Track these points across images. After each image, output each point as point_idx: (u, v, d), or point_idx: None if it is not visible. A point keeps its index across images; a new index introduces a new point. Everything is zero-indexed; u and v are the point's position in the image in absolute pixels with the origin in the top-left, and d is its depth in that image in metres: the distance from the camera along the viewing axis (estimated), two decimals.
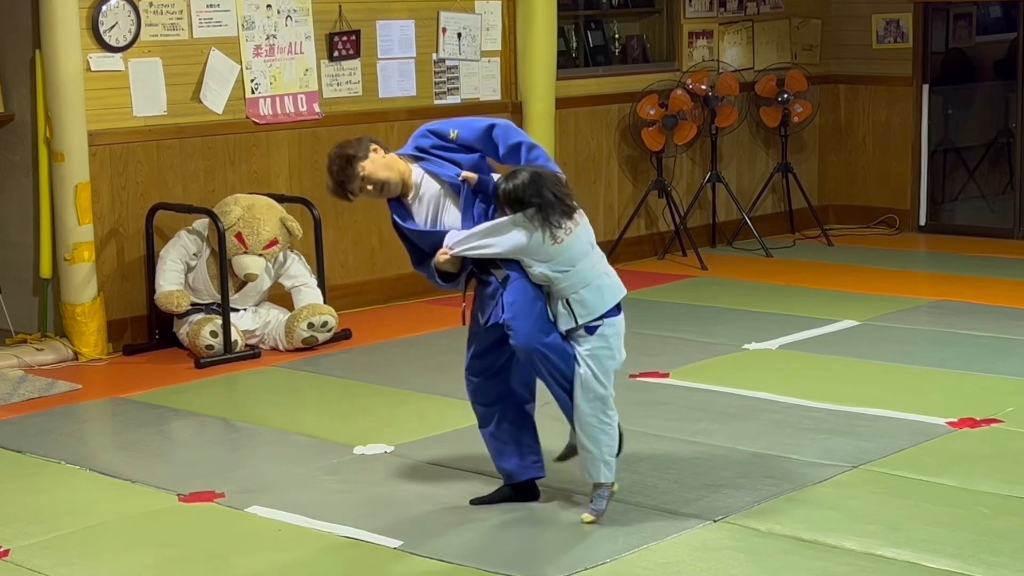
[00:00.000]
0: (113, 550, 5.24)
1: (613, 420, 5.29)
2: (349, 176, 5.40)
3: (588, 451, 5.29)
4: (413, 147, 5.52)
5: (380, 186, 5.41)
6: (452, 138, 5.46)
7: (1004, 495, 5.49)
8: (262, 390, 7.52)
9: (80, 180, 7.92)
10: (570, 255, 5.20)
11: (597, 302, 5.22)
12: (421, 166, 5.45)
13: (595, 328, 5.24)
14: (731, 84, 10.74)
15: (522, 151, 5.37)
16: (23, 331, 8.22)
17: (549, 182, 5.18)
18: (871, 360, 7.57)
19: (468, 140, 5.45)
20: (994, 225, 11.46)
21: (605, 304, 5.23)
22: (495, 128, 5.44)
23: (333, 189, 5.49)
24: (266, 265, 8.18)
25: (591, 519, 5.30)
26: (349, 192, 5.45)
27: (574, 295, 5.20)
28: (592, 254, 5.26)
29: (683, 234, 10.63)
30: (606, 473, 5.28)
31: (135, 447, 6.50)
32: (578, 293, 5.20)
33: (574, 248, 5.20)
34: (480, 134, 5.45)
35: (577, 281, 5.20)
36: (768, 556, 4.95)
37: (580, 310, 5.21)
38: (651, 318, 8.63)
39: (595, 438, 5.27)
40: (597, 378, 5.23)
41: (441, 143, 5.47)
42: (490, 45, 9.75)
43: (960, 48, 12.24)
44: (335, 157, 5.44)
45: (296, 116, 8.87)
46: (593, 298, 5.22)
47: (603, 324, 5.24)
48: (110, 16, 8.10)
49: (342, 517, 5.42)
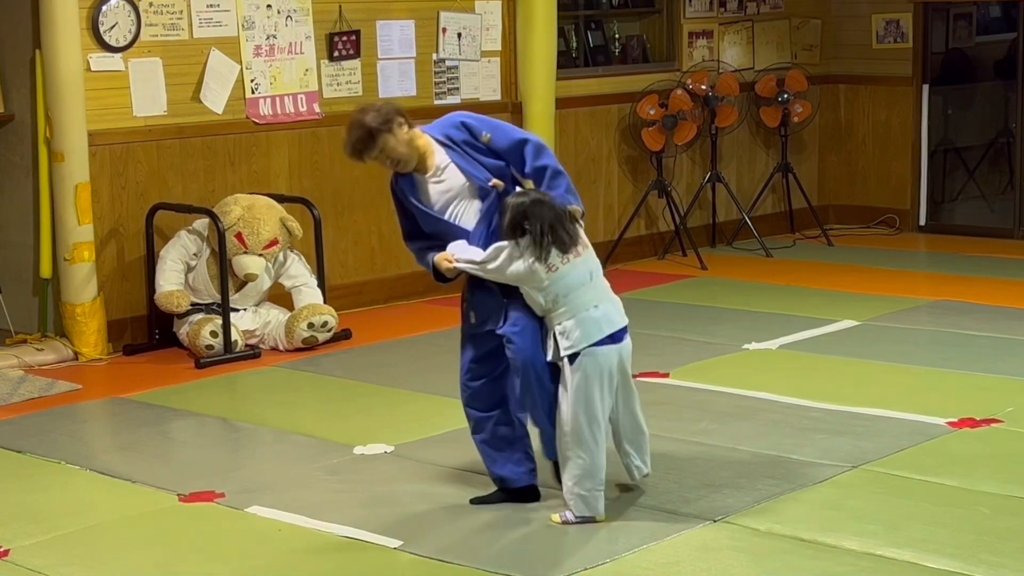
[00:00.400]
0: (113, 550, 5.24)
1: (592, 458, 5.22)
2: (368, 147, 5.36)
3: (565, 484, 5.30)
4: (443, 133, 5.47)
5: (396, 161, 5.40)
6: (484, 141, 5.44)
7: (1004, 495, 5.49)
8: (262, 390, 7.52)
9: (80, 180, 7.92)
10: (564, 284, 5.20)
11: (579, 336, 5.20)
12: (451, 157, 5.42)
13: (574, 359, 5.22)
14: (731, 84, 10.74)
15: (546, 175, 5.38)
16: (23, 331, 8.22)
17: (550, 214, 5.17)
18: (871, 360, 7.57)
19: (498, 147, 5.44)
20: (994, 225, 11.46)
21: (588, 338, 5.20)
22: (527, 144, 5.43)
23: (349, 151, 5.44)
24: (266, 265, 8.18)
25: (557, 520, 5.30)
26: (360, 159, 5.43)
27: (558, 326, 5.22)
28: (587, 286, 5.24)
29: (683, 234, 10.63)
30: (583, 508, 5.26)
31: (135, 447, 6.50)
32: (562, 324, 5.21)
33: (568, 278, 5.20)
34: (512, 145, 5.44)
35: (565, 312, 5.21)
36: (768, 556, 4.95)
37: (563, 342, 5.21)
38: (651, 318, 8.63)
39: (571, 472, 5.27)
40: (572, 411, 5.22)
41: (472, 141, 5.45)
42: (490, 45, 9.75)
43: (960, 48, 12.24)
44: (357, 126, 5.37)
45: (296, 116, 8.87)
46: (575, 330, 5.20)
47: (583, 353, 5.21)
48: (110, 16, 8.10)
49: (342, 517, 5.42)
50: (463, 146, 5.44)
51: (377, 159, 5.39)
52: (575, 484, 5.26)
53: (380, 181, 9.15)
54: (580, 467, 5.24)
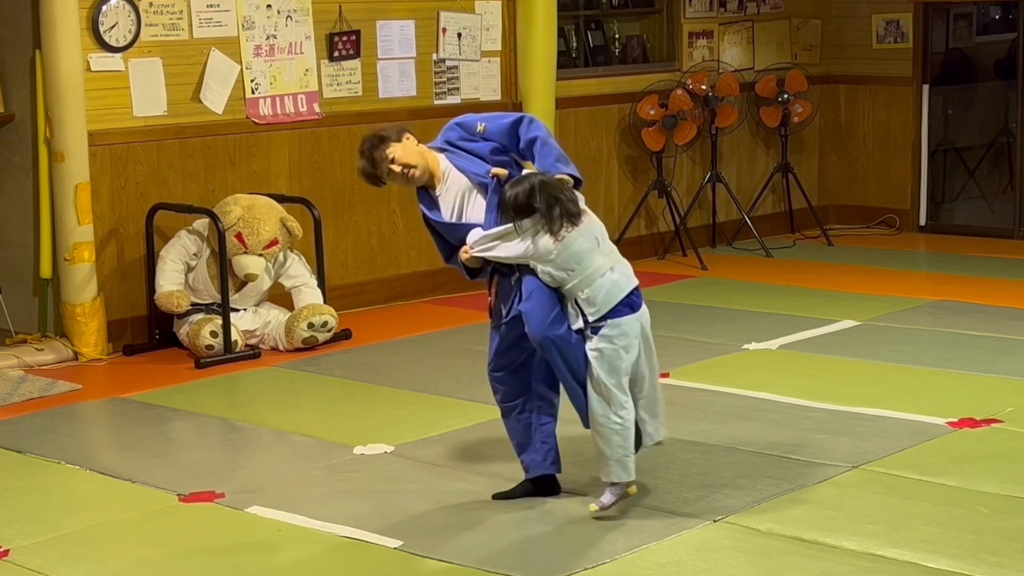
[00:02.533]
0: (113, 550, 5.24)
1: (625, 420, 5.30)
2: (379, 157, 5.42)
3: (601, 451, 5.34)
4: (442, 140, 5.58)
5: (408, 170, 5.43)
6: (479, 131, 5.53)
7: (1004, 495, 5.49)
8: (262, 390, 7.52)
9: (80, 180, 7.92)
10: (571, 253, 5.24)
11: (603, 299, 5.26)
12: (449, 159, 5.50)
13: (599, 328, 5.27)
14: (731, 84, 10.74)
15: (536, 145, 5.44)
16: (23, 331, 8.22)
17: (549, 190, 5.23)
18: (871, 360, 7.57)
19: (494, 135, 5.51)
20: (994, 225, 11.46)
21: (612, 299, 5.27)
22: (521, 121, 5.50)
23: (364, 169, 5.51)
24: (266, 265, 8.18)
25: (595, 510, 5.35)
26: (379, 173, 5.47)
27: (580, 294, 5.27)
28: (597, 251, 5.29)
29: (683, 234, 10.64)
30: (620, 473, 5.31)
31: (135, 447, 6.50)
32: (583, 292, 5.26)
33: (575, 246, 5.24)
34: (506, 128, 5.51)
35: (582, 280, 5.26)
36: (768, 556, 4.95)
37: (588, 308, 5.27)
38: (651, 318, 8.61)
39: (606, 438, 5.31)
40: (603, 378, 5.27)
41: (467, 136, 5.52)
42: (490, 45, 9.75)
43: (960, 48, 12.24)
44: (368, 137, 5.51)
45: (296, 116, 8.87)
46: (598, 294, 5.26)
47: (606, 324, 5.27)
48: (110, 16, 8.10)
49: (342, 517, 5.42)
50: (459, 144, 5.52)
51: (392, 172, 5.44)
52: (619, 451, 5.29)
53: None
54: (620, 434, 5.28)
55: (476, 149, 5.51)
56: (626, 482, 5.34)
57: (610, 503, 5.34)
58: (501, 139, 5.51)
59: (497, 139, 5.51)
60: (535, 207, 5.21)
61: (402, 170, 5.44)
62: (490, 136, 5.52)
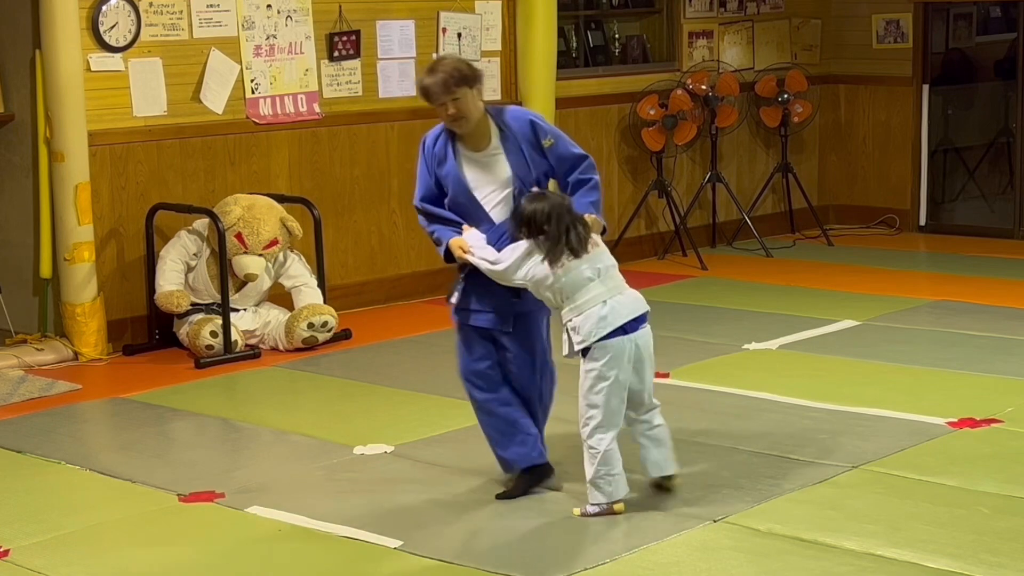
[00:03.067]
0: (113, 550, 5.24)
1: (600, 445, 5.29)
2: (447, 88, 5.33)
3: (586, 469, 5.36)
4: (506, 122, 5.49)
5: (459, 116, 5.38)
6: (545, 144, 5.49)
7: (1004, 495, 5.49)
8: (262, 390, 7.52)
9: (80, 180, 7.92)
10: (566, 282, 5.27)
11: (587, 329, 5.27)
12: (505, 147, 5.45)
13: (587, 351, 5.30)
14: (731, 84, 10.74)
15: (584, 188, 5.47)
16: (23, 331, 8.22)
17: (568, 218, 5.25)
18: (871, 360, 7.57)
19: (559, 154, 5.49)
20: (994, 225, 11.46)
21: (596, 334, 5.27)
22: (586, 160, 5.53)
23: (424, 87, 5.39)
24: (266, 265, 8.18)
25: (577, 514, 5.37)
26: (433, 97, 5.37)
27: (569, 322, 5.30)
28: (596, 282, 5.30)
29: (683, 234, 10.64)
30: (595, 494, 5.34)
31: (135, 447, 6.50)
32: (572, 321, 5.30)
33: (573, 275, 5.27)
34: (571, 156, 5.52)
35: (574, 308, 5.29)
36: (768, 556, 4.95)
37: (574, 336, 5.30)
38: (651, 318, 8.62)
39: (587, 459, 5.35)
40: (590, 400, 5.30)
41: (533, 140, 5.49)
42: (490, 45, 9.75)
43: (960, 48, 12.24)
44: (448, 66, 5.38)
45: (296, 116, 8.87)
46: (584, 325, 5.28)
47: (595, 347, 5.28)
48: (110, 16, 8.10)
49: (342, 517, 5.42)
50: (521, 141, 5.47)
51: (444, 105, 5.35)
52: (591, 470, 5.32)
53: (380, 181, 9.19)
54: (594, 455, 5.30)
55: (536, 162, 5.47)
56: (608, 502, 5.35)
57: (592, 514, 5.35)
58: (560, 164, 5.50)
59: (557, 161, 5.50)
60: (545, 230, 5.23)
61: (455, 113, 5.36)
62: (555, 154, 5.49)
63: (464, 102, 5.36)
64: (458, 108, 5.37)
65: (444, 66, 5.39)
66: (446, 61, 5.44)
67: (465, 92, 5.36)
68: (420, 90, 5.46)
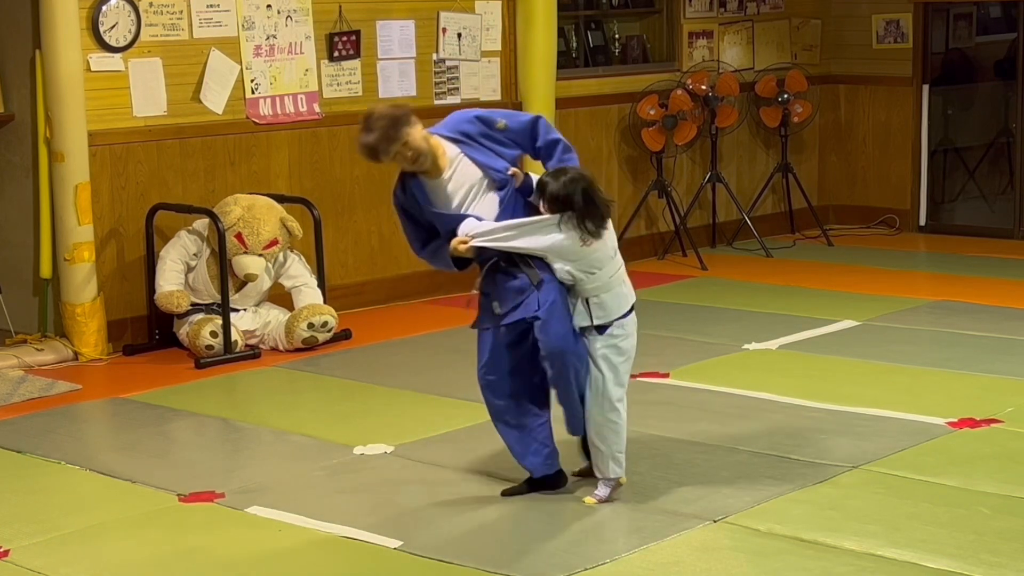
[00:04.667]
0: (113, 550, 5.24)
1: (621, 419, 5.43)
2: (392, 138, 5.26)
3: (598, 448, 5.44)
4: (455, 130, 5.46)
5: (417, 156, 5.32)
6: (500, 127, 5.47)
7: (1004, 495, 5.49)
8: (262, 390, 7.52)
9: (80, 180, 7.92)
10: (596, 258, 5.34)
11: (613, 306, 5.39)
12: (464, 151, 5.42)
13: (606, 328, 5.38)
14: (731, 84, 10.74)
15: (558, 149, 5.45)
16: (23, 331, 8.22)
17: (592, 187, 5.31)
18: (871, 360, 7.57)
19: (515, 131, 5.47)
20: (994, 225, 11.46)
21: (620, 309, 5.41)
22: (539, 120, 5.50)
23: (369, 146, 5.30)
24: (266, 265, 8.18)
25: (593, 502, 5.45)
26: (382, 154, 5.30)
27: (594, 297, 5.37)
28: (615, 260, 5.41)
29: (683, 234, 10.64)
30: (615, 468, 5.45)
31: (135, 447, 6.50)
32: (598, 296, 5.37)
33: (600, 252, 5.34)
34: (525, 125, 5.49)
35: (600, 284, 5.36)
36: (768, 556, 4.95)
37: (597, 311, 5.37)
38: (651, 318, 8.61)
39: (603, 436, 5.42)
40: (606, 377, 5.38)
41: (488, 131, 5.46)
42: (490, 45, 9.75)
43: (960, 48, 12.24)
44: (381, 117, 5.29)
45: (296, 116, 8.87)
46: (611, 302, 5.39)
47: (614, 325, 5.39)
48: (110, 16, 8.10)
49: (342, 517, 5.42)
50: (479, 139, 5.45)
51: (397, 155, 5.29)
52: (614, 448, 5.41)
53: (380, 181, 9.18)
54: (616, 431, 5.41)
55: (501, 151, 5.45)
56: (619, 476, 5.47)
57: (606, 496, 5.45)
58: (519, 137, 5.48)
59: (517, 137, 5.48)
60: (575, 203, 5.26)
61: (412, 155, 5.31)
62: (511, 134, 5.47)
63: (413, 141, 5.29)
64: (413, 150, 5.30)
65: (376, 120, 5.30)
66: (375, 114, 5.34)
67: (407, 132, 5.28)
68: (367, 151, 5.33)
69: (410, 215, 5.51)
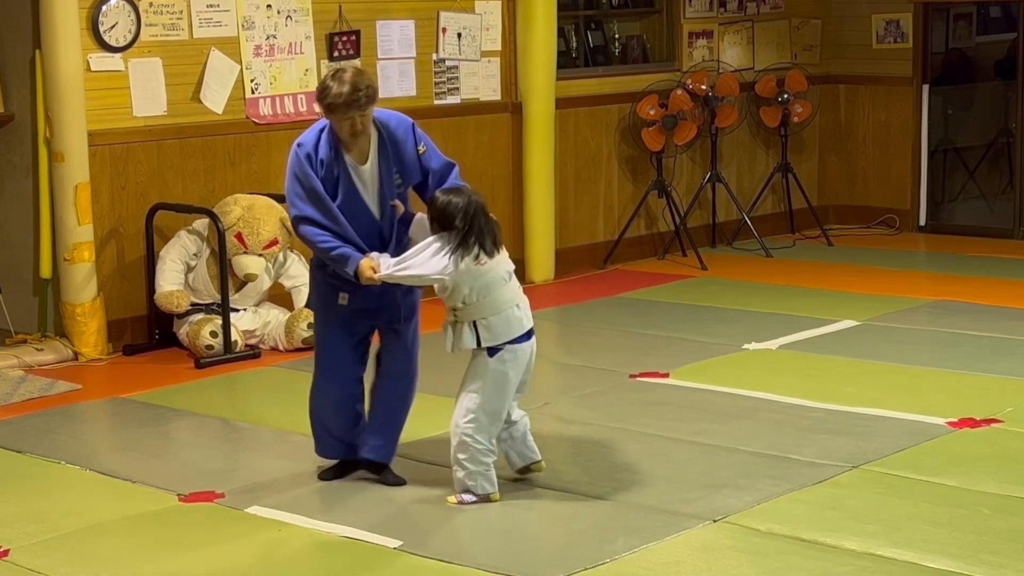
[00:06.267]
0: (113, 550, 5.24)
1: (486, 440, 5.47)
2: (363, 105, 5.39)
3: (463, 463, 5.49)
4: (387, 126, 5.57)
5: (360, 131, 5.45)
6: (419, 151, 5.59)
7: (1004, 495, 5.49)
8: (262, 390, 7.52)
9: (80, 180, 7.92)
10: (486, 282, 5.38)
11: (502, 330, 5.43)
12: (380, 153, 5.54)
13: (496, 351, 5.44)
14: (731, 84, 10.74)
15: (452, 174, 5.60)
16: (23, 331, 8.22)
17: (483, 212, 5.38)
18: (871, 360, 7.57)
19: (429, 162, 5.59)
20: (994, 225, 11.46)
21: (510, 333, 5.44)
22: (454, 168, 5.64)
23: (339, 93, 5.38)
24: (266, 265, 8.18)
25: (454, 501, 5.50)
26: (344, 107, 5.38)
27: (482, 319, 5.41)
28: (508, 285, 5.45)
29: (683, 234, 10.63)
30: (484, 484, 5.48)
31: (135, 447, 6.50)
32: (486, 319, 5.41)
33: (490, 276, 5.38)
34: (442, 166, 5.61)
35: (487, 307, 5.41)
36: (768, 556, 4.95)
37: (484, 334, 5.43)
38: (651, 318, 8.64)
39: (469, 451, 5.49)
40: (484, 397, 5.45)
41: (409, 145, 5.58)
42: (490, 45, 9.75)
43: (960, 48, 12.24)
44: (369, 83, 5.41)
45: (296, 116, 8.87)
46: (499, 325, 5.42)
47: (505, 349, 5.44)
48: (110, 16, 8.10)
49: (342, 517, 5.42)
50: (400, 144, 5.55)
51: (353, 119, 5.40)
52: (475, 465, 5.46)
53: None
54: (480, 451, 5.45)
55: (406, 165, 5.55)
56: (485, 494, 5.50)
57: (469, 501, 5.48)
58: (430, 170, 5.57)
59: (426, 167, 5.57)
60: (455, 225, 5.33)
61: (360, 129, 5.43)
62: (426, 163, 5.58)
63: (368, 119, 5.45)
64: (364, 124, 5.44)
65: (360, 80, 5.40)
66: (362, 76, 5.45)
67: (371, 110, 5.45)
68: (332, 96, 5.40)
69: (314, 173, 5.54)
